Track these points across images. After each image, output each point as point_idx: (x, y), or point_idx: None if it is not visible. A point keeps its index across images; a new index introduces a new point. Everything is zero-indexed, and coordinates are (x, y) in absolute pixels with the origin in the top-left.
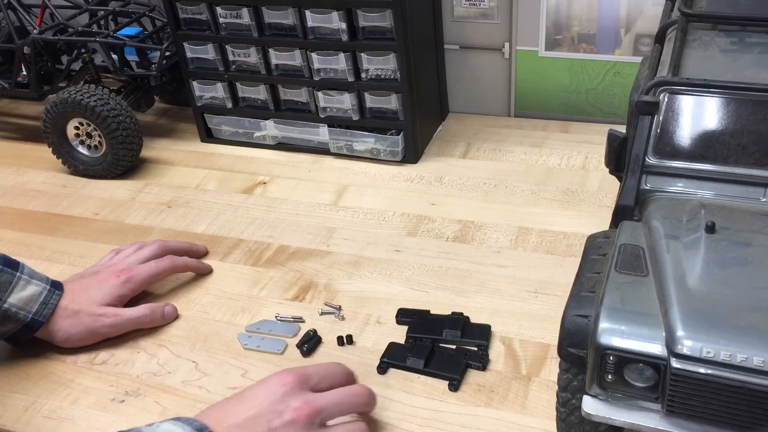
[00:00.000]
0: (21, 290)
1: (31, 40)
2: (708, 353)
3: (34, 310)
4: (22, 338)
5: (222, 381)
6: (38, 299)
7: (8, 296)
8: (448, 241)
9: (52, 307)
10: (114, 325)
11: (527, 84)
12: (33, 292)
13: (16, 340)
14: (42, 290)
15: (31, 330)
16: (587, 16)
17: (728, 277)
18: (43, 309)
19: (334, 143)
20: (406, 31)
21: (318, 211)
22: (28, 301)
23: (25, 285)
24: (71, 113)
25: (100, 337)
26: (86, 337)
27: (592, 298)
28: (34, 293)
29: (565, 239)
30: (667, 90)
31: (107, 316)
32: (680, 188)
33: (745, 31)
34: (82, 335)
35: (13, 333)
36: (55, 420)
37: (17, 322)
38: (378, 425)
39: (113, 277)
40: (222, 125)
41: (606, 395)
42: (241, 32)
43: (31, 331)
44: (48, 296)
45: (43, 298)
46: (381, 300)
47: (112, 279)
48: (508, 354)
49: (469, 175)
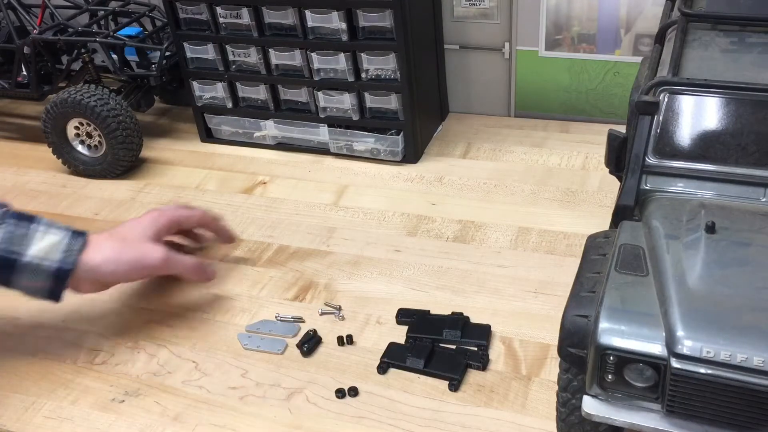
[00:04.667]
0: (40, 241)
1: (31, 40)
2: (708, 353)
3: (59, 259)
4: (58, 292)
5: (222, 381)
6: (59, 247)
7: (27, 249)
8: (448, 241)
9: (76, 253)
10: (163, 260)
11: (527, 84)
12: (53, 240)
13: (54, 295)
14: (63, 237)
15: (61, 280)
16: (587, 16)
17: (728, 277)
18: (68, 256)
19: (334, 143)
20: (406, 31)
21: (318, 211)
22: (50, 249)
23: (44, 235)
24: (71, 113)
25: (145, 273)
26: (131, 269)
27: (592, 298)
28: (55, 241)
29: (565, 239)
30: (667, 90)
31: (156, 250)
32: (680, 188)
33: (745, 31)
34: (129, 265)
35: (49, 288)
36: (55, 420)
37: (45, 273)
38: (378, 425)
39: (144, 216)
40: (222, 125)
41: (606, 395)
42: (241, 32)
43: (61, 281)
44: (71, 242)
45: (65, 245)
46: (381, 300)
47: (144, 217)
48: (508, 354)
49: (469, 175)
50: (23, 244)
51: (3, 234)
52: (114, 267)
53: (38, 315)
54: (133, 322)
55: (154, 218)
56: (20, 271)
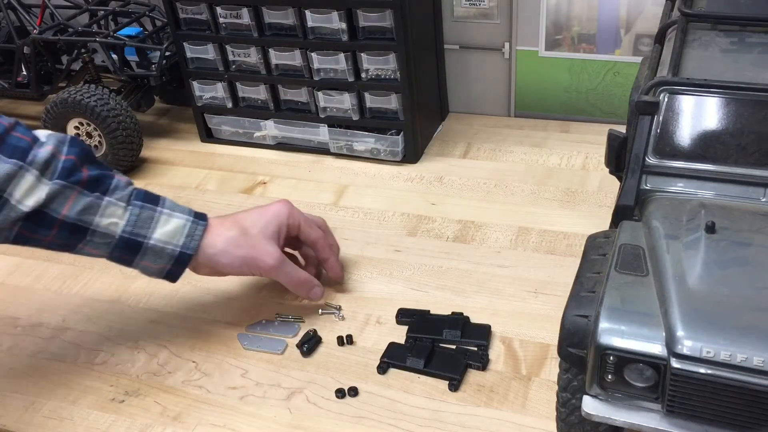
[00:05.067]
0: (165, 224)
1: (31, 40)
2: (708, 353)
3: (182, 243)
4: (177, 273)
5: (222, 381)
6: (183, 231)
7: (152, 232)
8: (448, 241)
9: (198, 238)
10: (275, 266)
11: (527, 84)
12: (177, 224)
13: (173, 276)
14: (186, 222)
15: (182, 264)
16: (587, 16)
17: (728, 277)
18: (190, 241)
19: (334, 143)
20: (406, 31)
21: (318, 211)
22: (174, 234)
23: (168, 218)
24: (71, 113)
25: (255, 272)
26: (243, 264)
27: (592, 298)
28: (179, 225)
29: (565, 239)
30: (667, 90)
31: (271, 254)
32: (680, 188)
33: (745, 31)
34: (242, 261)
35: (169, 270)
36: (55, 420)
37: (167, 257)
38: (378, 425)
39: (270, 207)
40: (222, 125)
41: (606, 395)
42: (241, 32)
43: (182, 265)
44: (192, 227)
45: (188, 230)
46: (381, 300)
47: (269, 209)
48: (508, 354)
49: (469, 175)
50: (149, 227)
51: (129, 216)
52: (229, 260)
53: (38, 315)
54: (133, 322)
55: (278, 214)
56: (144, 253)
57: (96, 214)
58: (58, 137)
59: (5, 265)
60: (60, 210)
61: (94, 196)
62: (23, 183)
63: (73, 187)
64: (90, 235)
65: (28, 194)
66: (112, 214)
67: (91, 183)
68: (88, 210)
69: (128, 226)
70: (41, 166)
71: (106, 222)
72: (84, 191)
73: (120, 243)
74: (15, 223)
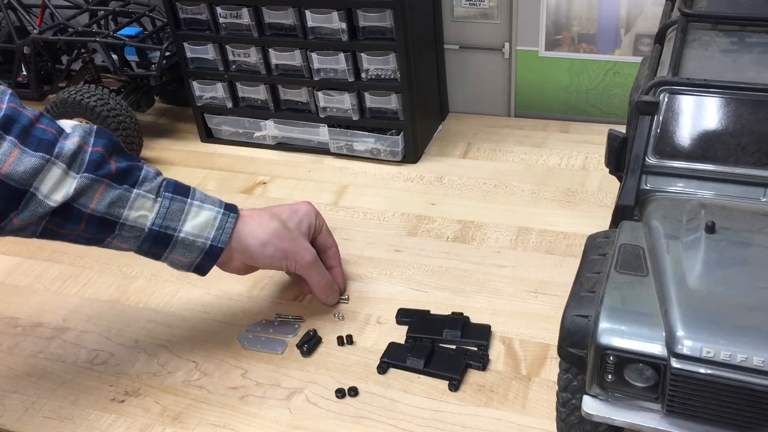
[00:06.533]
0: (195, 217)
1: (31, 40)
2: (708, 353)
3: (212, 236)
4: (207, 267)
5: (222, 381)
6: (213, 224)
7: (183, 225)
8: (448, 241)
9: (229, 231)
10: (309, 264)
11: (527, 84)
12: (207, 217)
13: (202, 270)
14: (216, 214)
15: (212, 257)
16: (587, 16)
17: (728, 277)
18: (221, 234)
19: (334, 143)
20: (406, 31)
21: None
22: (204, 227)
23: (199, 210)
24: (71, 113)
25: (290, 268)
26: (283, 258)
27: (592, 298)
28: (209, 218)
29: (565, 239)
30: (667, 90)
31: (308, 252)
32: (680, 188)
33: (745, 31)
34: (283, 254)
35: (199, 263)
36: (55, 420)
37: (198, 250)
38: (378, 425)
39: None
40: (222, 125)
41: (606, 395)
42: (241, 32)
43: (212, 258)
44: (223, 220)
45: (219, 222)
46: (381, 300)
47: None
48: (508, 354)
49: (469, 175)
50: (179, 220)
51: (159, 208)
52: (272, 251)
53: (38, 315)
54: (133, 322)
55: (308, 211)
56: (174, 246)
57: (125, 207)
58: (84, 128)
59: (5, 265)
60: (88, 204)
61: (123, 189)
62: (50, 177)
63: (102, 180)
64: (119, 228)
65: (55, 189)
66: (141, 207)
67: (120, 175)
68: (117, 203)
69: (158, 219)
70: (68, 159)
71: (135, 215)
72: (112, 184)
73: (150, 236)
74: (42, 218)
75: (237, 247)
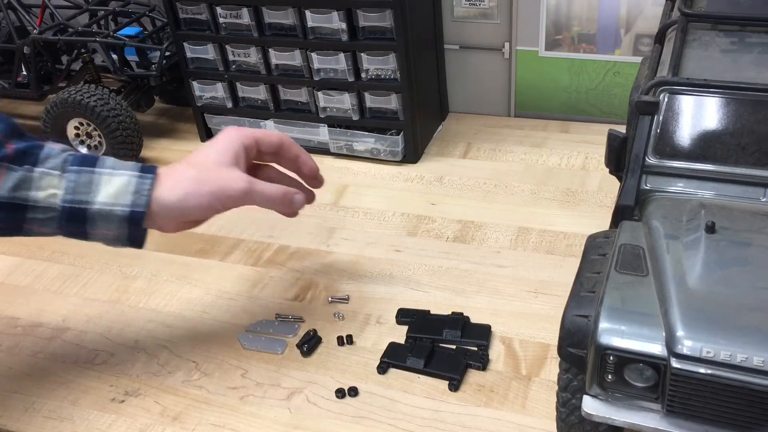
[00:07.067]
0: (107, 185)
1: (31, 40)
2: (708, 353)
3: (130, 202)
4: (138, 236)
5: (222, 381)
6: (128, 189)
7: (95, 196)
8: (448, 241)
9: (146, 193)
10: (246, 189)
11: (527, 84)
12: (121, 183)
13: (136, 240)
14: (130, 179)
15: (136, 224)
16: (587, 16)
17: (728, 277)
18: (139, 198)
19: (334, 143)
20: (406, 31)
21: (318, 211)
22: (118, 193)
23: (110, 178)
24: (71, 113)
25: (228, 204)
26: (214, 200)
27: (592, 298)
28: (123, 183)
29: (565, 239)
30: (667, 90)
31: (238, 178)
32: (680, 188)
33: (745, 31)
34: (212, 196)
35: (128, 234)
36: (55, 420)
37: (118, 220)
38: (378, 425)
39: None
40: (222, 125)
41: (606, 395)
42: (241, 32)
43: (137, 225)
44: (139, 183)
45: (134, 186)
46: (381, 300)
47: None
48: (508, 354)
49: (469, 175)
50: (90, 192)
51: (66, 184)
52: (197, 200)
53: (38, 315)
54: (133, 322)
55: (229, 139)
56: (92, 220)
57: (31, 189)
58: None
59: (5, 265)
60: None
61: (24, 170)
62: None
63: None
64: (31, 212)
65: None
66: (48, 185)
67: (19, 157)
68: (21, 185)
69: (68, 194)
70: None
71: (43, 195)
72: (11, 166)
73: (64, 214)
74: None
75: (160, 208)
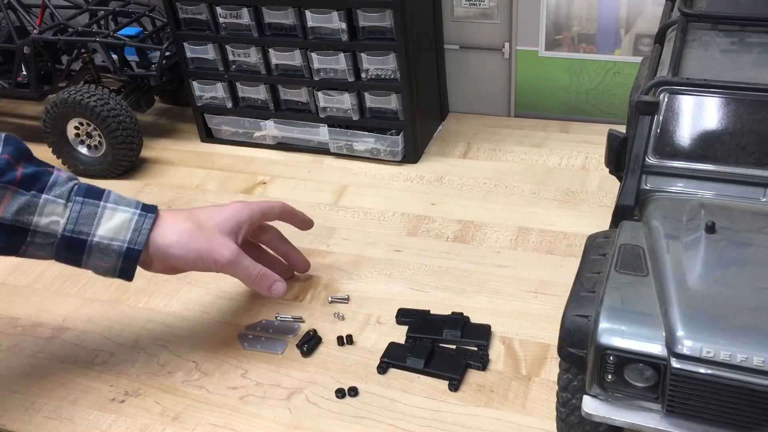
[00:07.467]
0: (109, 219)
1: (31, 40)
2: (708, 353)
3: (128, 239)
4: (130, 271)
5: (222, 381)
6: (129, 226)
7: (96, 229)
8: (448, 241)
9: (146, 232)
10: (230, 261)
11: (527, 84)
12: (122, 219)
13: (127, 274)
14: (132, 216)
15: (131, 261)
16: (587, 16)
17: (728, 277)
18: (137, 236)
19: (334, 143)
20: (406, 31)
21: (318, 211)
22: (119, 229)
23: (113, 213)
24: (71, 113)
25: (211, 268)
26: (198, 258)
27: (592, 298)
28: (124, 220)
29: (565, 239)
30: (667, 90)
31: (227, 248)
32: (680, 188)
33: (745, 31)
34: (197, 254)
35: (120, 267)
36: (55, 420)
37: (115, 254)
38: (378, 425)
39: (228, 206)
40: (222, 125)
41: (606, 395)
42: (241, 32)
43: (132, 261)
44: (140, 221)
45: (135, 224)
46: (381, 300)
47: (227, 207)
48: (508, 354)
49: (469, 175)
50: (92, 224)
51: (70, 213)
52: (182, 252)
53: (38, 315)
54: (133, 322)
55: (236, 210)
56: (90, 251)
57: (34, 214)
58: None
59: (5, 265)
60: None
61: (30, 195)
62: None
63: (7, 187)
64: (31, 236)
65: None
66: (52, 213)
67: (27, 181)
68: (25, 210)
69: (70, 224)
70: None
71: (46, 221)
72: (19, 190)
73: (63, 242)
74: None
75: (153, 248)
